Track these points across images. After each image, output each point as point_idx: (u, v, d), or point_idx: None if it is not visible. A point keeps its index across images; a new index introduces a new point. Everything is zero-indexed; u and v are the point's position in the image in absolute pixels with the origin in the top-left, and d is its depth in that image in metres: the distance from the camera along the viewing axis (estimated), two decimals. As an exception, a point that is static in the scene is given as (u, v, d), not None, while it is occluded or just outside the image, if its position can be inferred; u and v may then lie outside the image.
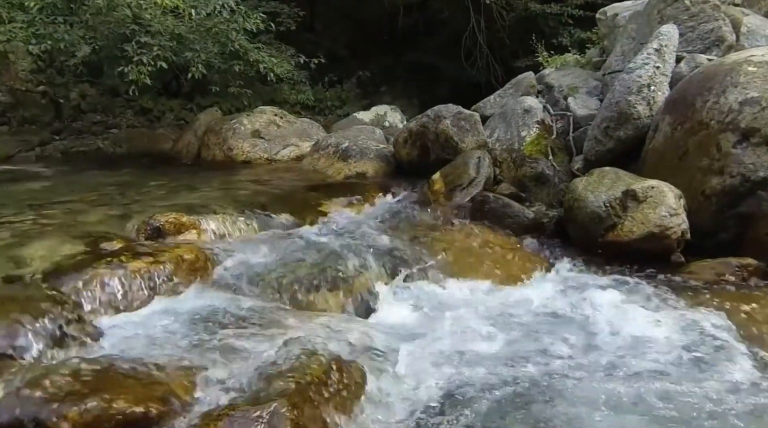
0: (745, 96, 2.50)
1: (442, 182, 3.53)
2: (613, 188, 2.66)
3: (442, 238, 2.68)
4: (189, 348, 1.73)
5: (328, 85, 8.96)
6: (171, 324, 1.86)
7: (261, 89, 6.95)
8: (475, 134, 3.80)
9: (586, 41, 6.25)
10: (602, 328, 1.83)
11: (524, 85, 4.46)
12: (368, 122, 6.97)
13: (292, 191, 3.86)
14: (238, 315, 1.99)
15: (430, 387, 1.54)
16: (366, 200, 3.55)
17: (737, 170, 2.44)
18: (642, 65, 3.26)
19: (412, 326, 1.94)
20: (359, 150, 4.29)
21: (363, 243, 2.62)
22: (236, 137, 5.33)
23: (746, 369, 1.57)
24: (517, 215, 3.03)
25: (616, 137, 3.26)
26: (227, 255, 2.58)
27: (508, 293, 2.16)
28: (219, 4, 5.11)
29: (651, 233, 2.45)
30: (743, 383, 1.52)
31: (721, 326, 1.81)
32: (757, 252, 2.35)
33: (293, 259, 2.48)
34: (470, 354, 1.68)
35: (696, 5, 3.59)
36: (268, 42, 6.72)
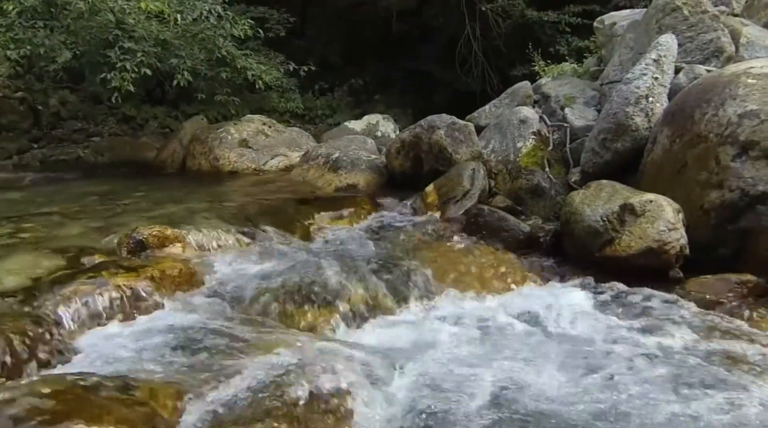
0: (744, 109, 2.56)
1: (435, 195, 3.57)
2: (610, 201, 2.70)
3: (434, 253, 2.70)
4: (173, 367, 1.73)
5: (319, 93, 9.04)
6: (154, 341, 1.87)
7: (249, 97, 7.00)
8: (469, 145, 3.85)
9: (584, 50, 6.36)
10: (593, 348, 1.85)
11: (520, 95, 4.52)
12: (360, 132, 7.02)
13: (280, 204, 3.87)
14: (223, 332, 2.00)
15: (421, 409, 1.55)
16: (357, 213, 3.57)
17: (736, 184, 2.49)
18: (640, 76, 3.32)
19: (403, 344, 1.96)
20: (350, 161, 4.32)
21: (353, 258, 2.64)
22: (223, 146, 5.36)
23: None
24: (512, 229, 3.07)
25: (613, 149, 3.32)
26: (213, 270, 2.60)
27: (502, 309, 2.18)
28: (206, 9, 5.15)
29: (649, 249, 2.49)
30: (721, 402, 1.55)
31: (708, 346, 1.84)
32: (757, 268, 2.38)
33: (280, 274, 2.49)
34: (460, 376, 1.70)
35: (695, 15, 3.67)
36: (256, 49, 6.77)
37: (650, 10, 3.90)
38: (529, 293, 2.38)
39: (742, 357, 1.76)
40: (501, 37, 8.45)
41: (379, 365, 1.80)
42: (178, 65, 5.17)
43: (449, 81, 9.12)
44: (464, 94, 8.40)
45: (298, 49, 8.69)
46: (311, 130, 8.22)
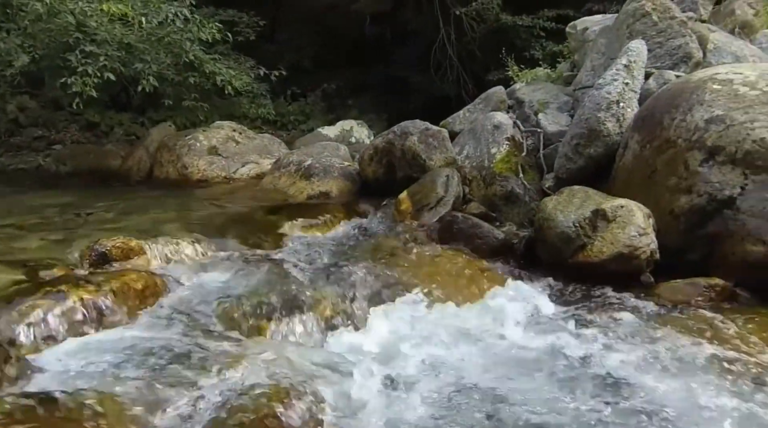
0: (710, 114, 2.66)
1: (409, 202, 3.60)
2: (582, 207, 2.77)
3: (407, 261, 2.73)
4: (138, 382, 1.72)
5: (291, 99, 9.03)
6: (116, 357, 1.85)
7: (218, 103, 6.96)
8: (443, 151, 3.90)
9: (558, 55, 6.48)
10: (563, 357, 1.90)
11: (494, 100, 4.59)
12: (333, 138, 7.04)
13: (250, 212, 3.87)
14: (188, 346, 1.99)
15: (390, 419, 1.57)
16: (329, 221, 3.58)
17: (704, 188, 2.57)
18: (611, 81, 3.41)
19: (374, 353, 1.98)
20: (323, 168, 4.33)
21: (324, 268, 2.65)
22: (191, 154, 5.32)
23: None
24: (486, 236, 3.11)
25: (586, 155, 3.40)
26: (180, 282, 2.59)
27: (473, 317, 2.22)
28: (171, 12, 5.12)
29: (620, 254, 2.56)
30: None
31: (676, 350, 1.90)
32: (725, 272, 2.47)
33: (250, 285, 2.50)
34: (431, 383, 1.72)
35: (664, 21, 3.79)
36: (225, 53, 6.76)
37: (621, 15, 4.01)
38: (500, 300, 2.41)
39: (702, 359, 1.83)
40: (476, 42, 8.57)
41: (351, 370, 1.81)
42: (143, 70, 5.12)
43: (424, 86, 9.20)
44: (439, 99, 8.49)
45: (269, 54, 8.69)
46: (284, 136, 8.22)
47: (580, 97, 4.08)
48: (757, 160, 2.43)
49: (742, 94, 2.63)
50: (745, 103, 2.57)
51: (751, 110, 2.53)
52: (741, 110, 2.56)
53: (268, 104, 7.55)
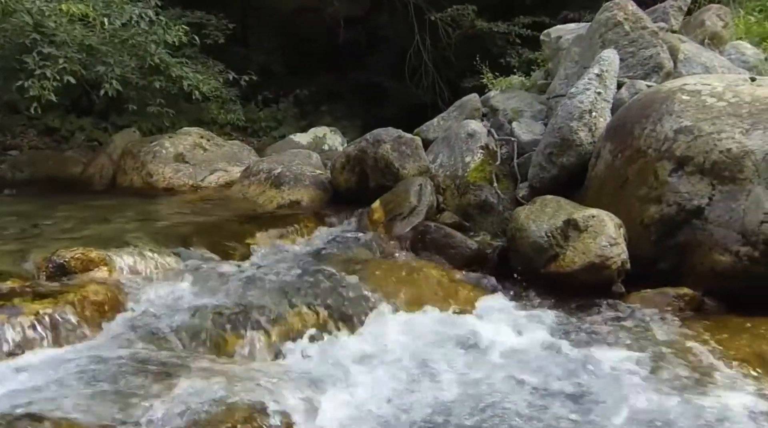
0: (679, 124, 2.76)
1: (381, 211, 3.64)
2: (554, 217, 2.84)
3: (379, 272, 2.76)
4: (92, 400, 1.71)
5: (263, 104, 9.03)
6: (73, 373, 1.84)
7: (186, 108, 6.93)
8: (416, 160, 3.95)
9: (534, 62, 6.63)
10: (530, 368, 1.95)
11: (468, 108, 4.68)
12: (306, 145, 7.07)
13: (218, 222, 3.86)
14: (150, 361, 1.98)
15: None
16: (300, 231, 3.60)
17: (673, 198, 2.67)
18: (583, 90, 3.51)
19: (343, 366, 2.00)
20: (293, 176, 4.35)
21: (293, 279, 2.66)
22: (157, 161, 5.28)
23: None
24: (459, 246, 3.17)
25: (559, 164, 3.48)
26: (143, 294, 2.57)
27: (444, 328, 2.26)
28: (135, 13, 5.09)
29: (592, 264, 2.63)
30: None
31: (636, 361, 1.97)
32: (694, 282, 2.56)
33: (216, 297, 2.50)
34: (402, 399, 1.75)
35: (635, 31, 3.92)
36: (193, 56, 6.74)
37: (594, 24, 4.13)
38: (472, 311, 2.46)
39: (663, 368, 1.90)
40: (451, 48, 8.71)
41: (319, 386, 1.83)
42: (105, 73, 5.07)
43: (399, 92, 9.31)
44: (415, 106, 8.59)
45: (239, 58, 8.68)
46: (254, 143, 8.22)
47: (554, 105, 4.18)
48: (724, 170, 2.53)
49: (710, 105, 2.74)
50: (713, 114, 2.68)
51: (718, 121, 2.64)
52: (709, 120, 2.67)
53: (238, 110, 7.54)
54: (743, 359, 1.94)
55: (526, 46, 7.93)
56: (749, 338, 2.06)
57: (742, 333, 2.12)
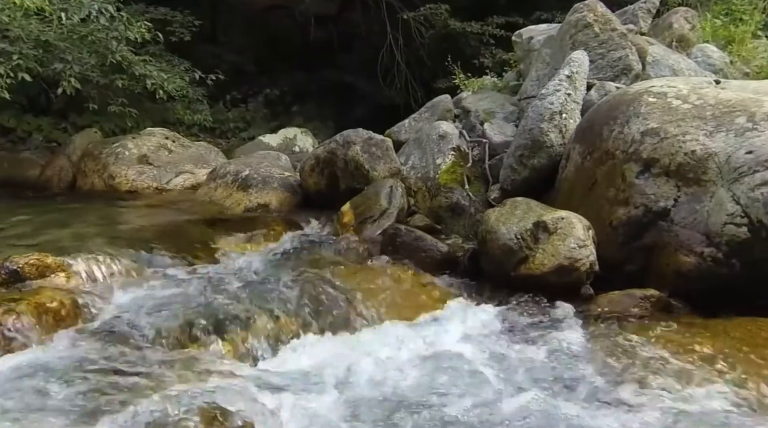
0: (646, 126, 2.84)
1: (352, 214, 3.66)
2: (524, 219, 2.90)
3: (349, 276, 2.78)
4: (51, 411, 1.70)
5: (231, 105, 8.98)
6: (24, 384, 1.81)
7: (150, 108, 6.85)
8: (387, 162, 3.99)
9: (508, 63, 6.73)
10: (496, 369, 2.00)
11: (440, 109, 4.74)
12: (276, 147, 7.06)
13: (183, 226, 3.84)
14: (110, 371, 1.97)
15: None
16: (268, 235, 3.61)
17: (640, 200, 2.75)
18: (554, 92, 3.59)
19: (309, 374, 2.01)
20: (261, 179, 4.35)
21: (261, 284, 2.67)
22: (119, 163, 5.24)
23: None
24: (430, 249, 3.21)
25: (530, 166, 3.55)
26: (103, 301, 2.55)
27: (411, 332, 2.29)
28: (95, 8, 5.02)
29: (561, 266, 2.69)
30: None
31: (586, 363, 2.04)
32: (660, 283, 2.64)
33: (179, 304, 2.48)
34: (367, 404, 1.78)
35: (605, 33, 4.02)
36: (157, 54, 6.67)
37: (564, 26, 4.23)
38: (441, 315, 2.50)
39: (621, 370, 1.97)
40: (425, 48, 8.78)
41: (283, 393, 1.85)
42: (63, 71, 5.00)
43: (372, 93, 9.34)
44: (388, 107, 8.63)
45: (207, 56, 8.62)
46: (222, 144, 8.16)
47: (525, 107, 4.26)
48: (689, 172, 2.62)
49: (675, 107, 2.83)
50: (678, 117, 2.77)
51: (683, 123, 2.73)
52: (674, 122, 2.76)
53: (205, 110, 7.48)
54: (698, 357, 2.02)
55: (499, 47, 8.02)
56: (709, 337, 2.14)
57: (700, 332, 2.20)
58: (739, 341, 2.16)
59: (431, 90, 7.64)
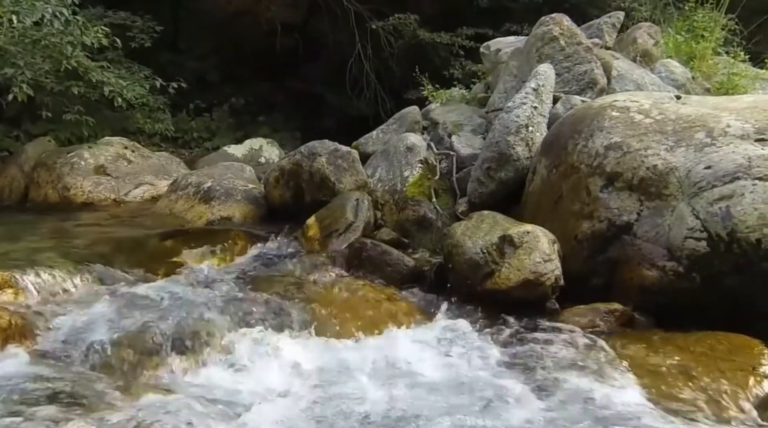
0: (609, 140, 2.94)
1: (317, 228, 3.67)
2: (490, 233, 2.95)
3: (311, 291, 2.79)
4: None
5: (195, 114, 8.90)
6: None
7: (109, 116, 6.75)
8: (353, 174, 4.01)
9: (477, 74, 6.85)
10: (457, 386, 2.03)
11: (408, 121, 4.79)
12: (241, 158, 7.02)
13: (142, 239, 3.80)
14: (63, 392, 1.94)
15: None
16: (230, 249, 3.58)
17: (604, 214, 2.83)
18: (520, 105, 3.67)
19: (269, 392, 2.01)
20: (224, 191, 4.33)
21: (221, 300, 2.66)
22: (75, 173, 5.15)
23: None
24: (396, 263, 3.23)
25: (497, 179, 3.62)
26: (54, 318, 2.52)
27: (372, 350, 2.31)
28: (48, 12, 4.94)
29: (526, 280, 2.74)
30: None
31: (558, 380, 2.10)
32: (624, 297, 2.72)
33: (136, 321, 2.46)
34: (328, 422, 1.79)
35: (571, 46, 4.14)
36: (116, 60, 6.59)
37: (531, 38, 4.34)
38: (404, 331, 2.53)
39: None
40: (394, 58, 8.87)
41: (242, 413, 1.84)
42: (14, 76, 4.90)
43: (340, 103, 9.38)
44: (357, 118, 8.68)
45: (169, 63, 8.55)
46: (185, 155, 8.08)
47: (493, 119, 4.34)
48: (651, 187, 2.71)
49: (638, 121, 2.93)
50: (640, 131, 2.87)
51: (645, 138, 2.83)
52: (636, 137, 2.86)
53: (166, 119, 7.39)
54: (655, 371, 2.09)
55: (469, 58, 8.15)
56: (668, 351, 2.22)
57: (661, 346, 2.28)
58: (699, 354, 2.23)
59: (401, 101, 7.71)
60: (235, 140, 8.29)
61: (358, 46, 8.81)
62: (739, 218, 2.44)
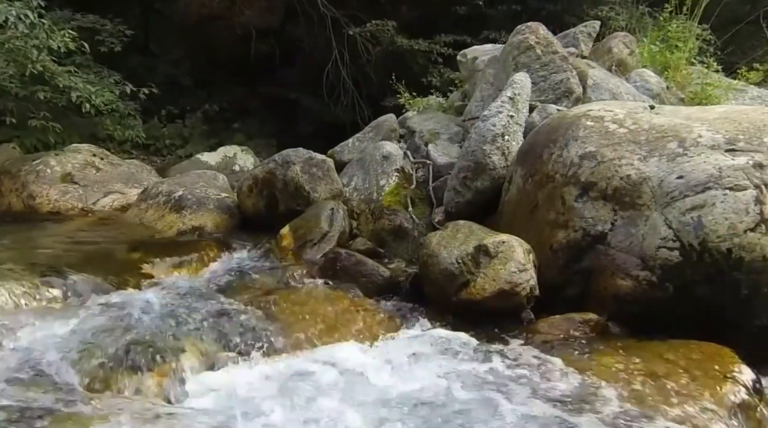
0: (584, 150, 3.00)
1: (291, 237, 3.68)
2: (466, 242, 2.99)
3: (284, 303, 2.78)
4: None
5: (167, 120, 8.85)
6: None
7: (78, 122, 6.67)
8: (328, 183, 4.03)
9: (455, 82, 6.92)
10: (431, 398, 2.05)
11: (385, 129, 4.84)
12: (214, 166, 7.02)
13: (110, 250, 3.77)
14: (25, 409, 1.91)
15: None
16: (202, 259, 3.57)
17: (579, 224, 2.88)
18: (496, 113, 3.73)
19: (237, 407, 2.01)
20: (196, 200, 4.31)
21: (190, 312, 2.64)
22: (40, 181, 5.11)
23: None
24: (371, 273, 3.25)
25: (474, 188, 3.67)
26: (15, 332, 2.47)
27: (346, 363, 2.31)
28: (12, 14, 4.89)
29: (502, 290, 2.78)
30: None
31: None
32: (599, 307, 2.76)
33: (103, 335, 2.43)
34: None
35: (547, 55, 4.23)
36: (85, 64, 6.54)
37: (507, 47, 4.41)
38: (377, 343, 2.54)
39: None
40: (371, 65, 8.91)
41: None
42: (-24, 81, 4.85)
43: (317, 110, 9.40)
44: (334, 125, 8.71)
45: (140, 68, 8.52)
46: (157, 162, 8.04)
47: (470, 128, 4.40)
48: (624, 196, 2.77)
49: (612, 131, 3.00)
50: (614, 141, 2.94)
51: (619, 148, 2.89)
52: (610, 147, 2.92)
53: (137, 126, 7.34)
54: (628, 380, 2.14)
55: (448, 66, 8.25)
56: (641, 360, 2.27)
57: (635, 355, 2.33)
58: (672, 363, 2.28)
59: (379, 108, 7.73)
60: (208, 148, 8.28)
61: (335, 52, 8.85)
62: (711, 228, 2.50)
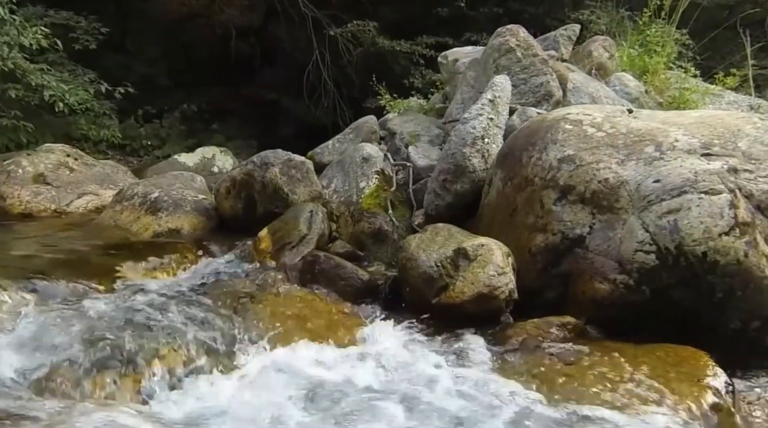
0: (563, 153, 3.03)
1: (269, 240, 3.66)
2: (445, 246, 3.01)
3: (261, 307, 2.78)
4: None
5: (144, 120, 8.77)
6: None
7: (51, 122, 6.60)
8: (307, 185, 4.03)
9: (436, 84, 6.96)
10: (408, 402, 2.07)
11: (365, 131, 4.84)
12: (192, 167, 6.97)
13: (83, 253, 3.73)
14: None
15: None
16: (177, 262, 3.55)
17: (558, 227, 2.91)
18: (476, 116, 3.76)
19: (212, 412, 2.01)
20: (173, 202, 4.28)
21: (165, 317, 2.63)
22: (11, 182, 5.04)
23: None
24: (349, 277, 3.25)
25: (454, 191, 3.69)
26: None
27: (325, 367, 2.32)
28: (-17, 11, 4.84)
29: (480, 294, 2.80)
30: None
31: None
32: (576, 310, 2.79)
33: (75, 339, 2.41)
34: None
35: (527, 58, 4.27)
36: (58, 62, 6.46)
37: (488, 49, 4.45)
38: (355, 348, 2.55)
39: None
40: (353, 66, 8.93)
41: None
42: (-55, 78, 4.77)
43: (298, 111, 9.39)
44: (315, 127, 8.70)
45: (116, 66, 8.42)
46: (134, 163, 7.96)
47: (450, 130, 4.43)
48: (602, 200, 2.81)
49: (590, 134, 3.04)
50: (592, 144, 2.98)
51: (597, 151, 2.93)
52: (589, 150, 2.96)
53: (113, 126, 7.27)
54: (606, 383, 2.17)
55: (429, 67, 8.29)
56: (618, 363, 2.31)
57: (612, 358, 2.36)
58: (648, 366, 2.32)
59: (360, 110, 7.75)
60: (186, 148, 8.21)
61: (316, 52, 8.85)
62: (686, 232, 2.55)
